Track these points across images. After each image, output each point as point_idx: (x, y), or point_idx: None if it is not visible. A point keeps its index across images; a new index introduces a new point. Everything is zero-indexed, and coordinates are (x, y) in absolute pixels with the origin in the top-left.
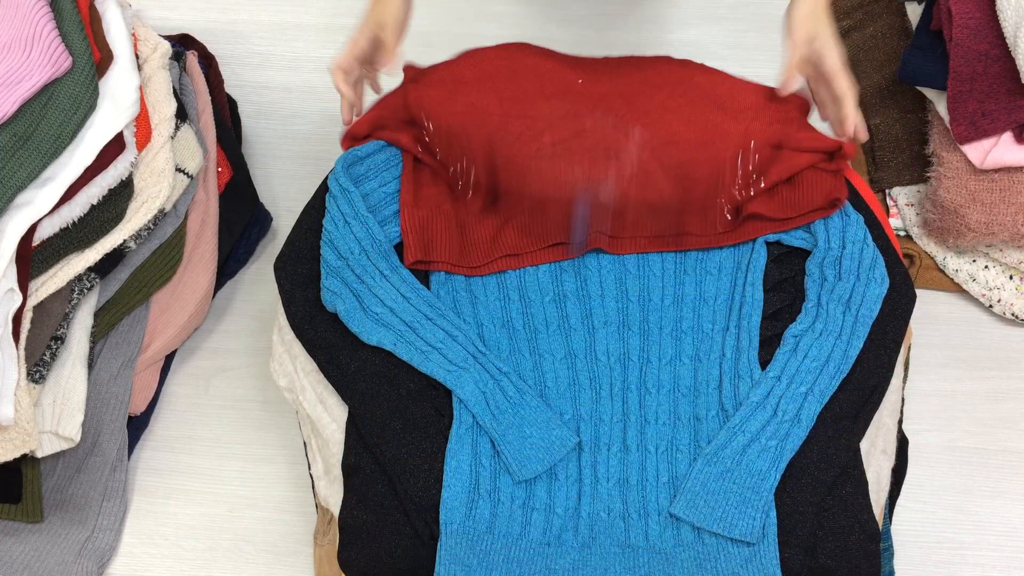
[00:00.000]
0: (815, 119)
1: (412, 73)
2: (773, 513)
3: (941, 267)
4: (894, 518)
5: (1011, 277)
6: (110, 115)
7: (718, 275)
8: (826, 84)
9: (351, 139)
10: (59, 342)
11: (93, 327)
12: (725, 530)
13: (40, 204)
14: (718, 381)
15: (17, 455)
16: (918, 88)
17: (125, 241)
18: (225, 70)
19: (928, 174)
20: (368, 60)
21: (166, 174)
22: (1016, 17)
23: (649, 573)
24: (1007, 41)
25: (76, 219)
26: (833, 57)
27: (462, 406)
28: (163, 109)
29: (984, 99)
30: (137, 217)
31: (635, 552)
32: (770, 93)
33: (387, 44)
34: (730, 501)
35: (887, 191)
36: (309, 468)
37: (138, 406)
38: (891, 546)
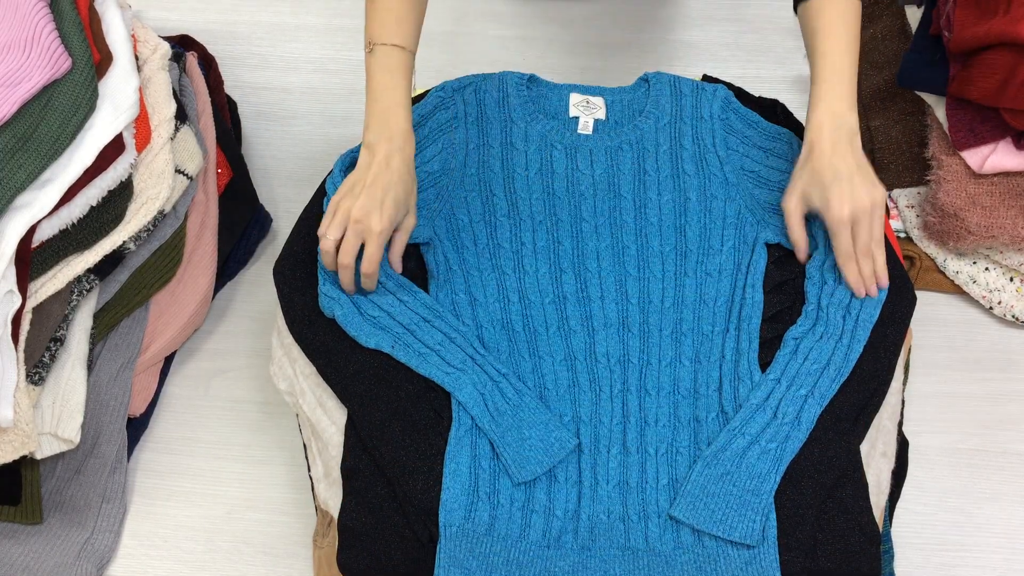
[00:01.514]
0: None
1: None
2: (773, 516)
3: (941, 269)
4: (894, 520)
5: (1011, 279)
6: (109, 116)
7: (718, 277)
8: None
9: None
10: (58, 344)
11: (92, 328)
12: (725, 532)
13: (39, 205)
14: (718, 383)
15: (16, 457)
16: (917, 92)
17: (125, 242)
18: (225, 71)
19: (928, 177)
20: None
21: (166, 175)
22: None
23: None
24: None
25: (75, 220)
26: (830, 214)
27: (461, 408)
28: (163, 110)
29: (982, 105)
30: (137, 218)
31: (635, 555)
32: None
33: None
34: (730, 504)
35: (887, 193)
36: (309, 470)
37: (137, 408)
38: (891, 548)
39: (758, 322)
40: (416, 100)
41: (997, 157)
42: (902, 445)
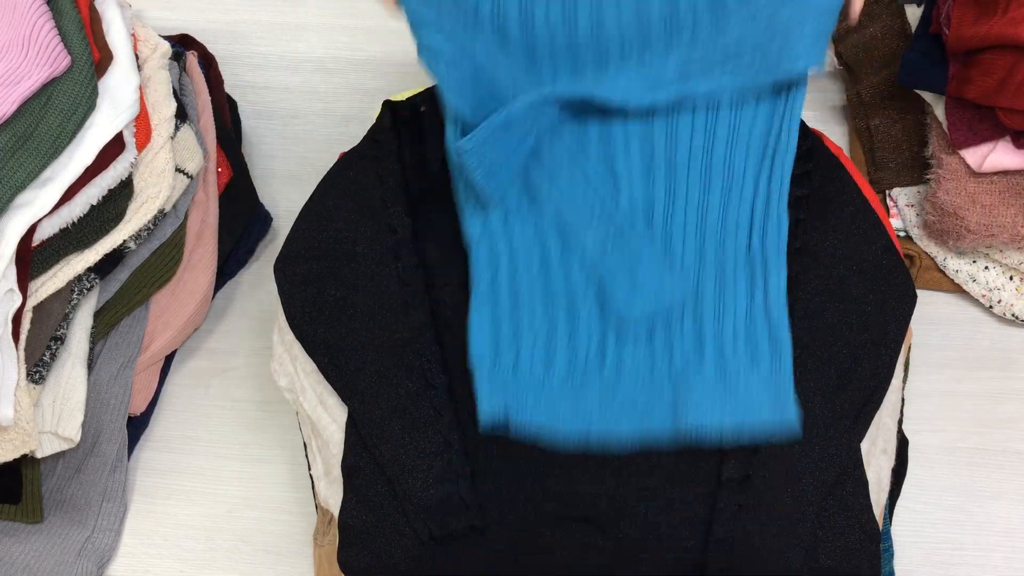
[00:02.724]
0: None
1: None
2: (788, 340)
3: (941, 267)
4: (894, 519)
5: (1011, 278)
6: (109, 115)
7: (755, 106)
8: None
9: None
10: (59, 342)
11: (93, 327)
12: None
13: (40, 204)
14: (749, 222)
15: (17, 455)
16: (917, 91)
17: (125, 241)
18: (225, 70)
19: (928, 176)
20: None
21: (166, 174)
22: None
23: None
24: None
25: (76, 219)
26: None
27: (477, 271)
28: (163, 109)
29: (981, 104)
30: (137, 217)
31: (659, 381)
32: None
33: None
34: None
35: (887, 192)
36: (309, 469)
37: (138, 406)
38: (891, 546)
39: (791, 160)
40: (414, 96)
41: (996, 156)
42: (902, 443)
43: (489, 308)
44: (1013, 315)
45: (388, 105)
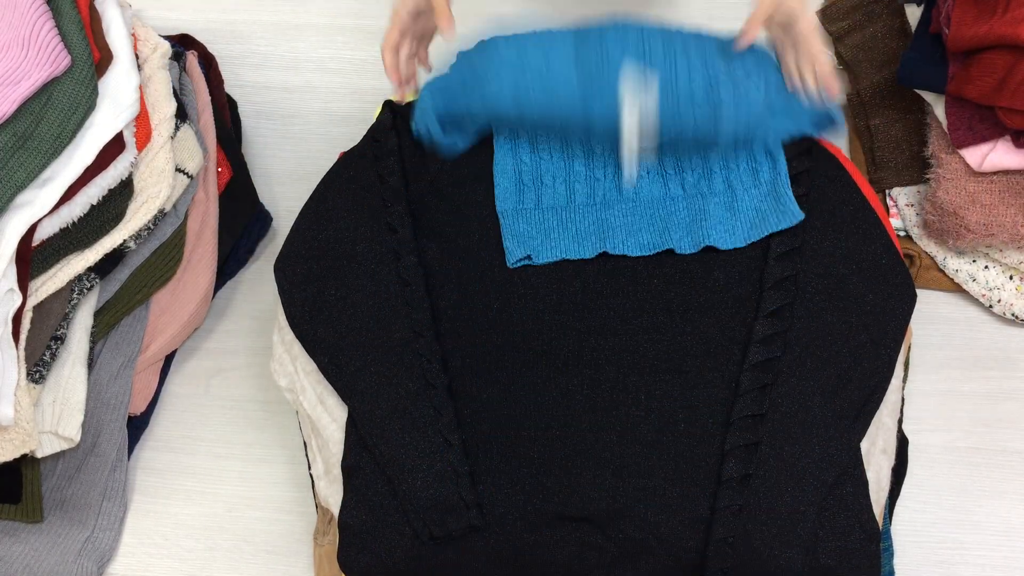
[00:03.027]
0: None
1: None
2: (783, 158)
3: (941, 267)
4: (894, 518)
5: (1011, 277)
6: (110, 115)
7: None
8: (795, 47)
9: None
10: (59, 342)
11: (93, 327)
12: None
13: (40, 204)
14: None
15: (17, 455)
16: (917, 91)
17: (125, 241)
18: (225, 70)
19: (928, 175)
20: (417, 32)
21: (166, 174)
22: None
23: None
24: None
25: (76, 219)
26: (805, 20)
27: (500, 131)
28: (163, 109)
29: (981, 104)
30: (137, 217)
31: (674, 201)
32: None
33: (437, 5)
34: None
35: (887, 191)
36: (309, 468)
37: (138, 406)
38: (891, 546)
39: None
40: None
41: (996, 155)
42: (902, 443)
43: (511, 154)
44: (1013, 315)
45: (388, 105)
